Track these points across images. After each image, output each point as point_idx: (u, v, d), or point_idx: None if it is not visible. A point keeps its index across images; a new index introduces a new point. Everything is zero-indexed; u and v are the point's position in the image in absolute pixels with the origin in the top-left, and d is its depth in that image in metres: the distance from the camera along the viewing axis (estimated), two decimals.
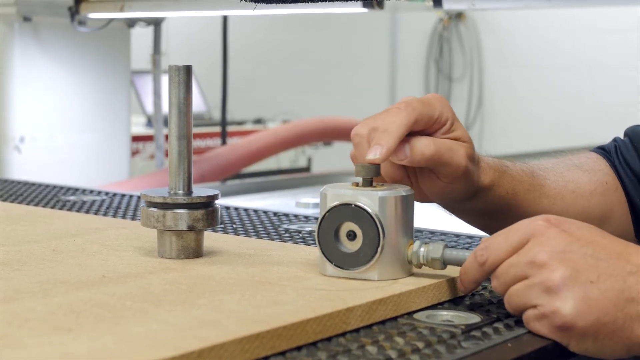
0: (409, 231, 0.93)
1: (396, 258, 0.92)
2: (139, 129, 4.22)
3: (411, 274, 0.93)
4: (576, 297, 0.79)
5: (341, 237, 0.92)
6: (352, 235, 0.91)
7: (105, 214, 1.39)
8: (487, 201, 1.07)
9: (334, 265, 0.92)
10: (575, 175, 1.16)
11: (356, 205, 0.91)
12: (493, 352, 0.78)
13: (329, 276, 0.93)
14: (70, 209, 1.43)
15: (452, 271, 0.94)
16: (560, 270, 0.80)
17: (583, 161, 1.20)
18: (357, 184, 0.94)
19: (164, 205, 0.99)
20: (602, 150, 1.23)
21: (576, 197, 1.15)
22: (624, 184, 1.19)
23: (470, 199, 1.06)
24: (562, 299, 0.79)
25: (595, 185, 1.17)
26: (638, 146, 1.20)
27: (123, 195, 1.58)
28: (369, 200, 0.91)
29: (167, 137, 1.10)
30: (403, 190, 0.93)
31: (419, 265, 0.93)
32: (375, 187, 0.93)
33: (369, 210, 0.90)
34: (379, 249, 0.90)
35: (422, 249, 0.92)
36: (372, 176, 0.93)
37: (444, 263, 0.92)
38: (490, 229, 1.08)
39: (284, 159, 4.47)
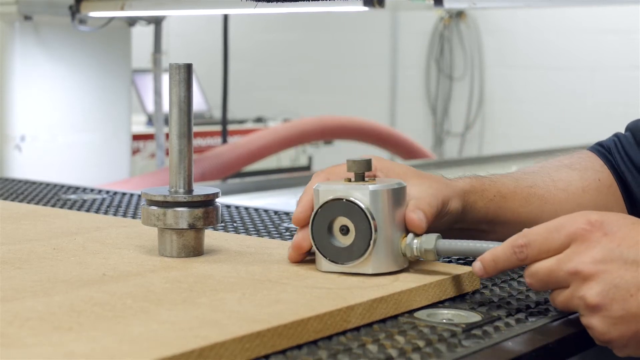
0: (402, 224, 0.94)
1: (390, 251, 0.92)
2: (140, 127, 4.22)
3: (405, 268, 0.94)
4: (614, 315, 0.80)
5: (335, 232, 0.93)
6: (345, 230, 0.92)
7: (106, 213, 1.39)
8: (471, 218, 1.06)
9: (329, 260, 0.93)
10: (565, 174, 1.16)
11: (347, 200, 0.91)
12: (493, 351, 0.78)
13: (324, 272, 0.93)
14: (71, 208, 1.43)
15: (453, 270, 0.94)
16: (598, 286, 0.81)
17: (574, 160, 1.20)
18: (349, 180, 0.94)
19: (165, 204, 0.99)
20: (599, 147, 1.22)
21: (568, 195, 1.15)
22: (627, 180, 1.18)
23: (454, 223, 1.04)
24: (600, 318, 0.81)
25: (587, 183, 1.16)
26: None
27: (124, 194, 1.58)
28: (360, 194, 0.91)
29: (167, 135, 1.10)
30: (395, 183, 0.93)
31: (413, 258, 0.93)
32: (367, 181, 0.93)
33: (361, 204, 0.91)
34: (372, 242, 0.91)
35: (415, 241, 0.92)
36: (363, 171, 0.94)
37: (438, 254, 0.92)
38: (487, 234, 1.07)
39: (284, 158, 4.47)
